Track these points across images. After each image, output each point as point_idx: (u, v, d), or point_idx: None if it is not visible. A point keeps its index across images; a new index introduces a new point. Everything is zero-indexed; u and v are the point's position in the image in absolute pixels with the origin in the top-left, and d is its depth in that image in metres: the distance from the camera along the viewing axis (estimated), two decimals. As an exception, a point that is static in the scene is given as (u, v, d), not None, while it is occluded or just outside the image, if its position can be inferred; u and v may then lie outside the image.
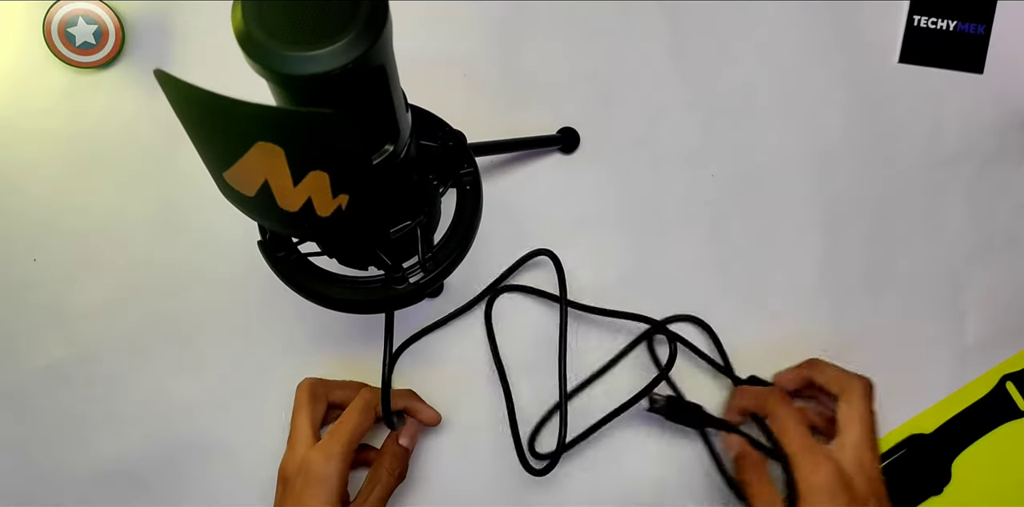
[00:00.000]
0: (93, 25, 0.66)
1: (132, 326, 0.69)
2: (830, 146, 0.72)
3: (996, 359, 0.72)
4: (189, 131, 0.36)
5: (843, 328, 0.71)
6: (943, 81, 0.72)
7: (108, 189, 0.69)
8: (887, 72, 0.72)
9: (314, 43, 0.33)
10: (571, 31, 0.71)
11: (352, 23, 0.34)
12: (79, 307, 0.69)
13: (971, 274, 0.72)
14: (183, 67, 0.68)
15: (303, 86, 0.34)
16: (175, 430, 0.69)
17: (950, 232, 0.72)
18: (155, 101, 0.68)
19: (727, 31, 0.71)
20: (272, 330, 0.70)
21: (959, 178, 0.73)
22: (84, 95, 0.69)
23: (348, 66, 0.33)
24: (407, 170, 0.44)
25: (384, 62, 0.36)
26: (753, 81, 0.72)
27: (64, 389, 0.69)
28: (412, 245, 0.50)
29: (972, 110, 0.73)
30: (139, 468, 0.69)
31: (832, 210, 0.72)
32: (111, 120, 0.69)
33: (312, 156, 0.35)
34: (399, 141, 0.42)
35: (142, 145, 0.69)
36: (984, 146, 0.73)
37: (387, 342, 0.51)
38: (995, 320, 0.72)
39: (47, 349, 0.69)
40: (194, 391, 0.69)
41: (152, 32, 0.69)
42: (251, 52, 0.33)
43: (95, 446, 0.69)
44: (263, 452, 0.68)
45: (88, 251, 0.69)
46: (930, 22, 0.72)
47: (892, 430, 0.71)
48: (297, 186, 0.36)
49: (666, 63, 0.71)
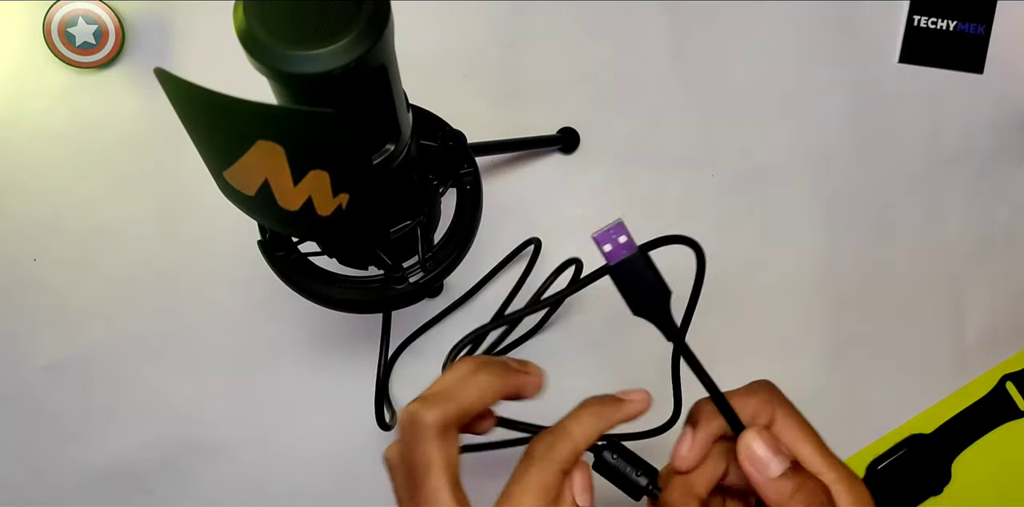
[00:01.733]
0: (93, 25, 0.66)
1: (132, 326, 0.69)
2: (830, 146, 0.72)
3: (996, 359, 0.72)
4: (189, 130, 0.36)
5: (843, 328, 0.71)
6: (943, 81, 0.72)
7: (108, 189, 0.69)
8: (887, 72, 0.72)
9: (316, 42, 0.33)
10: (571, 31, 0.71)
11: (354, 22, 0.34)
12: (79, 307, 0.69)
13: (971, 274, 0.72)
14: (183, 66, 0.68)
15: (305, 85, 0.34)
16: (176, 430, 0.69)
17: (950, 232, 0.72)
18: (155, 101, 0.68)
19: (727, 31, 0.71)
20: (272, 330, 0.69)
21: (959, 178, 0.73)
22: (84, 95, 0.68)
23: (350, 65, 0.33)
24: (407, 170, 0.44)
25: (386, 62, 0.36)
26: (753, 81, 0.72)
27: (64, 389, 0.69)
28: (412, 245, 0.50)
29: (972, 110, 0.73)
30: (140, 468, 0.69)
31: (832, 210, 0.72)
32: (111, 120, 0.69)
33: (312, 155, 0.35)
34: (400, 141, 0.42)
35: (142, 144, 0.69)
36: (984, 146, 0.73)
37: (383, 342, 0.51)
38: (995, 320, 0.72)
39: (47, 349, 0.69)
40: (194, 391, 0.69)
41: (152, 32, 0.68)
42: (253, 51, 0.33)
43: (95, 446, 0.69)
44: (264, 452, 0.68)
45: (88, 251, 0.69)
46: (930, 22, 0.72)
47: (892, 430, 0.71)
48: (297, 185, 0.36)
49: (666, 63, 0.71)
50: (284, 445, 0.62)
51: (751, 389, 0.43)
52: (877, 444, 0.71)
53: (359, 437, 0.69)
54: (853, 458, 0.71)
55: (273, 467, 0.63)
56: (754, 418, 0.42)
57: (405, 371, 0.69)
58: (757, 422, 0.42)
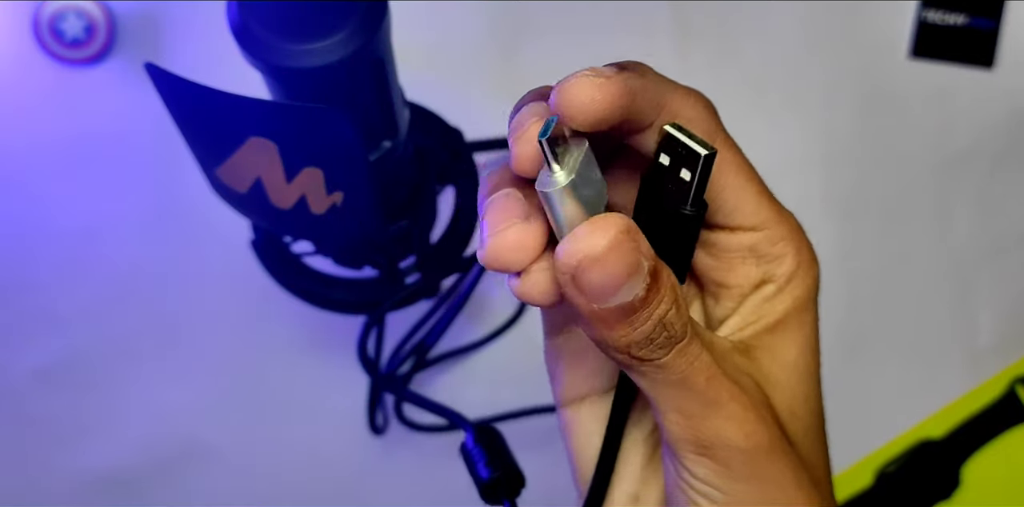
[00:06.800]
0: (83, 20, 0.66)
1: (126, 328, 0.69)
2: (838, 143, 0.71)
3: (1007, 362, 0.72)
4: (181, 126, 0.36)
5: (850, 329, 0.71)
6: (953, 76, 0.72)
7: (99, 187, 0.69)
8: (897, 67, 0.72)
9: (311, 36, 0.33)
10: (572, 27, 0.70)
11: (351, 16, 0.33)
12: (72, 309, 0.68)
13: (982, 275, 0.72)
14: (175, 62, 0.67)
15: (299, 80, 0.34)
16: (170, 434, 0.69)
17: (960, 231, 0.72)
18: (147, 97, 0.67)
19: (733, 26, 0.71)
20: (265, 331, 0.69)
21: (970, 175, 0.72)
22: (74, 91, 0.68)
23: (345, 60, 0.33)
24: (404, 168, 0.44)
25: (383, 57, 0.36)
26: (759, 77, 0.71)
27: (56, 393, 0.69)
28: (408, 244, 0.49)
29: (983, 106, 0.72)
30: (134, 473, 0.68)
31: (840, 208, 0.71)
32: (102, 116, 0.68)
33: (306, 152, 0.35)
34: (397, 138, 0.42)
35: (134, 141, 0.68)
36: (995, 143, 0.72)
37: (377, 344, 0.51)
38: (1006, 322, 0.72)
39: (39, 352, 0.68)
40: (186, 394, 0.69)
41: (143, 26, 0.68)
42: (247, 45, 0.33)
43: (89, 451, 0.68)
44: (258, 456, 0.68)
45: (79, 251, 0.69)
46: (940, 17, 0.71)
47: (901, 434, 0.71)
48: (291, 183, 0.36)
49: (670, 59, 0.71)
50: (277, 448, 0.62)
51: (694, 97, 0.30)
52: (885, 449, 0.71)
53: (352, 440, 0.68)
54: (860, 463, 0.71)
55: (266, 470, 0.62)
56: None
57: (405, 369, 0.69)
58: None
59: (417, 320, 0.63)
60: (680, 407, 0.26)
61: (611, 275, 0.24)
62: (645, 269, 0.24)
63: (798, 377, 0.29)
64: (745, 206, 0.30)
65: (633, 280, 0.24)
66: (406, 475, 0.69)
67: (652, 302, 0.24)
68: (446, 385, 0.69)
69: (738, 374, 0.27)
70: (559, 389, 0.32)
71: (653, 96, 0.27)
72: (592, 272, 0.24)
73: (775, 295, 0.29)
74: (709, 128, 0.29)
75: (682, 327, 0.25)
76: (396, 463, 0.69)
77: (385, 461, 0.69)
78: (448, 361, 0.68)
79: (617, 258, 0.24)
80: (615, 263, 0.24)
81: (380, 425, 0.65)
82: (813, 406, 0.30)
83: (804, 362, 0.29)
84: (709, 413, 0.26)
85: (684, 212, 0.27)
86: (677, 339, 0.25)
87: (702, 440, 0.26)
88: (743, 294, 0.30)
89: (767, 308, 0.29)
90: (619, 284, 0.24)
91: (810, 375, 0.30)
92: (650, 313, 0.24)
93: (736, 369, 0.27)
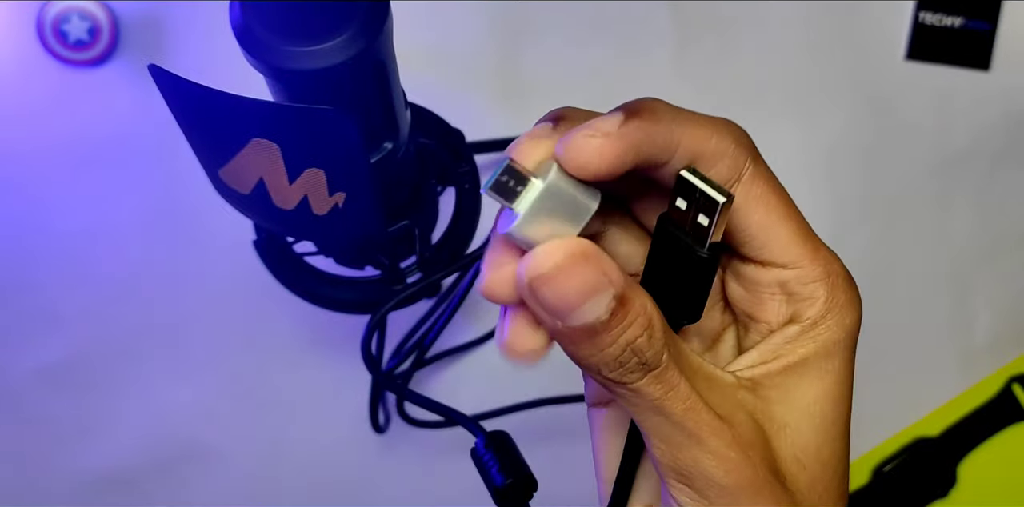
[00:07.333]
0: (87, 22, 0.66)
1: (127, 328, 0.69)
2: (835, 144, 0.71)
3: (1003, 361, 0.72)
4: (184, 127, 0.36)
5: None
6: (950, 78, 0.72)
7: (102, 187, 0.69)
8: (893, 69, 0.72)
9: (314, 38, 0.33)
10: (573, 29, 0.70)
11: (353, 18, 0.33)
12: (73, 310, 0.69)
13: (979, 274, 0.72)
14: (178, 63, 0.68)
15: (302, 82, 0.34)
16: (171, 434, 0.69)
17: (958, 231, 0.72)
18: (150, 98, 0.67)
19: (730, 28, 0.71)
20: (269, 331, 0.69)
21: (967, 177, 0.72)
22: (78, 93, 0.68)
23: (348, 62, 0.33)
24: (405, 168, 0.44)
25: (384, 58, 0.36)
26: (756, 79, 0.71)
27: (57, 393, 0.69)
28: (410, 244, 0.49)
29: (980, 107, 0.72)
30: (134, 473, 0.69)
31: (837, 210, 0.71)
32: (105, 117, 0.68)
33: (308, 153, 0.35)
34: (398, 139, 0.42)
35: (137, 142, 0.68)
36: (993, 144, 0.72)
37: (379, 344, 0.50)
38: (1003, 321, 0.72)
39: (39, 352, 0.68)
40: (189, 393, 0.69)
41: (147, 28, 0.68)
42: (249, 47, 0.33)
43: (89, 451, 0.69)
44: (260, 456, 0.68)
45: (83, 252, 0.69)
46: (936, 19, 0.71)
47: (897, 433, 0.71)
48: (293, 184, 0.36)
49: (668, 61, 0.71)
50: (278, 447, 0.62)
51: (714, 131, 0.29)
52: (882, 447, 0.71)
53: (354, 439, 0.68)
54: (857, 461, 0.71)
55: (267, 470, 0.62)
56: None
57: (404, 368, 0.69)
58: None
59: (417, 319, 0.63)
60: (660, 433, 0.26)
61: (562, 294, 0.25)
62: (610, 293, 0.25)
63: (810, 424, 0.28)
64: (775, 243, 0.29)
65: (594, 302, 0.25)
66: (409, 473, 0.69)
67: (616, 327, 0.25)
68: (445, 382, 0.70)
69: (732, 409, 0.27)
70: (588, 390, 0.32)
71: (664, 138, 0.27)
72: (544, 290, 0.25)
73: (797, 337, 0.29)
74: (734, 163, 0.29)
75: (654, 355, 0.25)
76: (398, 461, 0.69)
77: (387, 459, 0.69)
78: (447, 359, 0.69)
79: (566, 278, 0.25)
80: (564, 282, 0.25)
81: (382, 423, 0.64)
82: (827, 458, 0.29)
83: (820, 410, 0.29)
84: (690, 443, 0.26)
85: (699, 255, 0.27)
86: (650, 366, 0.25)
87: (681, 469, 0.26)
88: (770, 330, 0.29)
89: (787, 349, 0.29)
90: (573, 303, 0.25)
91: (828, 426, 0.29)
92: (615, 337, 0.25)
93: (733, 404, 0.27)
